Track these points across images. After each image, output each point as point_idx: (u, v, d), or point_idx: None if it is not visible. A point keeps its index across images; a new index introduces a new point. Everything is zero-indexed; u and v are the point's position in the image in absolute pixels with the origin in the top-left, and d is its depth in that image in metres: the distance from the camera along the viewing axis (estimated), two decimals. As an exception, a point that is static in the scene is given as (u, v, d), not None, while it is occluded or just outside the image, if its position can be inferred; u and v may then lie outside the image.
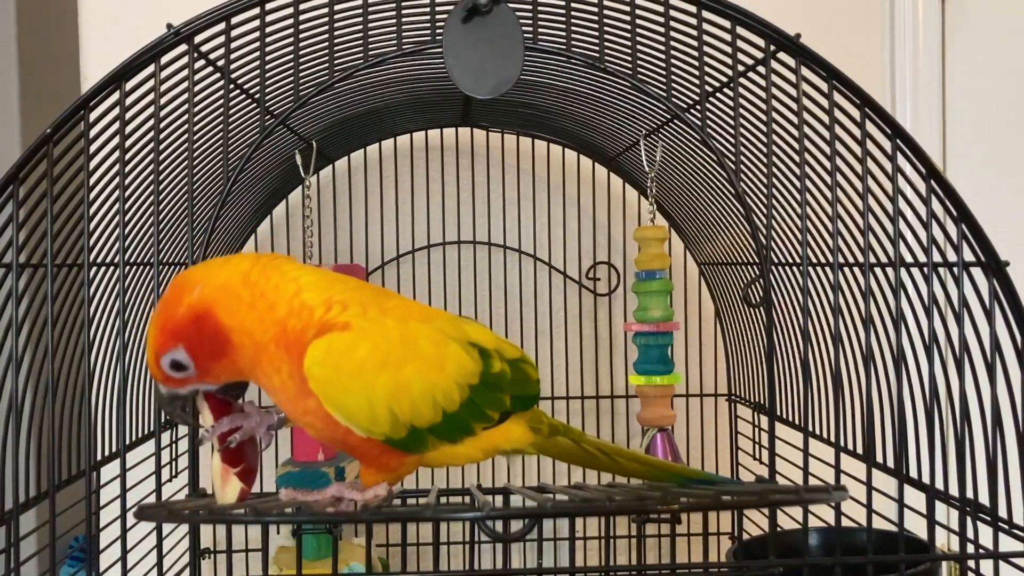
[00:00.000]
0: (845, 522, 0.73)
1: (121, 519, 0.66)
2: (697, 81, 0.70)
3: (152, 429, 0.93)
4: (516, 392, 0.59)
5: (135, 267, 0.85)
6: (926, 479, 0.70)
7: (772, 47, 0.67)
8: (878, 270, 0.71)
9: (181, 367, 0.54)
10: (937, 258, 0.68)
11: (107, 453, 0.85)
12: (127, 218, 0.72)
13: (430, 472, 1.16)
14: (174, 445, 1.03)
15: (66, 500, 0.73)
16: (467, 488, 0.68)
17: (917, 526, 0.73)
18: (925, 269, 0.68)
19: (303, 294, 0.54)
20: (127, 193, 0.71)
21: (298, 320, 0.53)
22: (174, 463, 1.03)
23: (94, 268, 0.75)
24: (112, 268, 0.78)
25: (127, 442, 0.83)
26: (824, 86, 0.68)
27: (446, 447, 0.57)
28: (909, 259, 0.70)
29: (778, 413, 0.96)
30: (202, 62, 0.68)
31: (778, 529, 0.74)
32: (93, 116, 0.66)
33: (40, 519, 0.72)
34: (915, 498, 0.71)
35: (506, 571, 0.66)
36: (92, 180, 0.68)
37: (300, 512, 0.52)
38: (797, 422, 0.93)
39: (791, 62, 0.68)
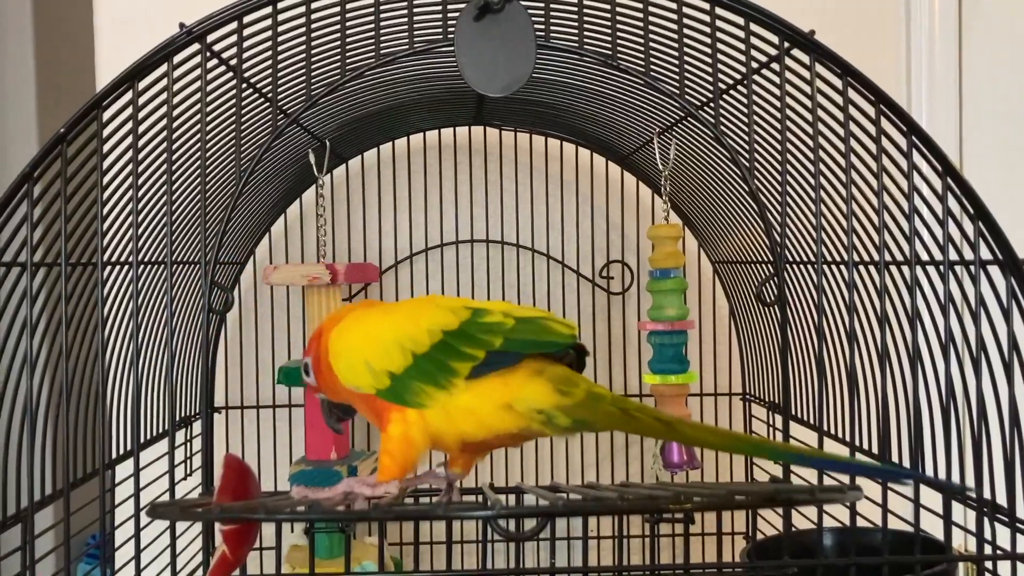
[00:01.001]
0: (860, 522, 0.73)
1: (135, 517, 0.66)
2: (710, 78, 0.70)
3: (166, 428, 0.94)
4: (520, 336, 0.59)
5: (148, 266, 0.85)
6: (943, 477, 0.70)
7: (786, 44, 0.67)
8: (893, 268, 0.70)
9: (307, 372, 0.67)
10: (953, 256, 0.68)
11: (121, 452, 0.85)
12: (140, 217, 0.72)
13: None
14: (188, 444, 1.04)
15: (81, 498, 0.73)
16: (479, 487, 0.68)
17: (933, 526, 0.73)
18: (941, 267, 0.68)
19: (342, 314, 0.66)
20: (140, 192, 0.71)
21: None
22: (188, 462, 1.04)
23: (108, 267, 0.75)
24: (125, 267, 0.78)
25: (141, 441, 0.83)
26: (839, 83, 0.67)
27: (441, 396, 0.58)
28: (925, 257, 0.69)
29: (793, 412, 0.95)
30: (214, 61, 0.68)
31: (793, 529, 0.74)
32: (106, 115, 0.66)
33: (56, 517, 0.72)
34: (931, 498, 0.70)
35: (518, 570, 0.65)
36: (105, 179, 0.68)
37: (312, 510, 0.52)
38: (812, 421, 0.92)
39: (805, 59, 0.67)
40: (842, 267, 0.79)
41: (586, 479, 1.19)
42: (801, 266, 0.87)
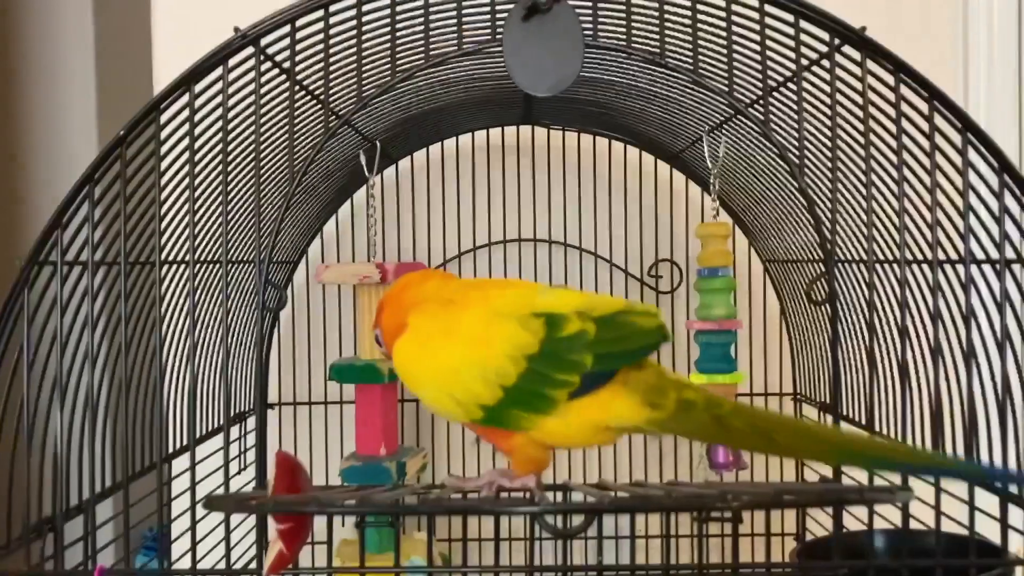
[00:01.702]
0: (913, 524, 0.72)
1: (191, 510, 0.68)
2: (760, 76, 0.70)
3: (221, 424, 0.96)
4: (609, 349, 0.55)
5: (204, 265, 0.87)
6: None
7: (836, 40, 0.66)
8: (947, 267, 0.69)
9: (380, 343, 0.66)
10: (1010, 254, 0.67)
11: (178, 447, 0.87)
12: (196, 217, 0.74)
13: (492, 467, 1.17)
14: (242, 439, 1.06)
15: (139, 491, 0.75)
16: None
17: (990, 530, 0.71)
18: (997, 265, 0.66)
19: (391, 319, 0.64)
20: (196, 193, 0.73)
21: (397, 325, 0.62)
22: (242, 456, 1.06)
23: (165, 266, 0.77)
24: (182, 266, 0.80)
25: (197, 436, 0.85)
26: (891, 79, 0.66)
27: (542, 420, 0.56)
28: (980, 255, 0.68)
29: (844, 412, 0.94)
30: (268, 64, 0.69)
31: (843, 530, 0.73)
32: (164, 118, 0.68)
33: (115, 509, 0.74)
34: (987, 500, 0.69)
35: (566, 567, 0.66)
36: (163, 180, 0.70)
37: (363, 503, 0.53)
38: (863, 422, 0.91)
39: (856, 55, 0.66)
40: (894, 265, 0.78)
41: (633, 478, 1.19)
42: (852, 264, 0.86)
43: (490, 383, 0.56)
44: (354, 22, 0.69)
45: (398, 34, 0.69)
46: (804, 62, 0.68)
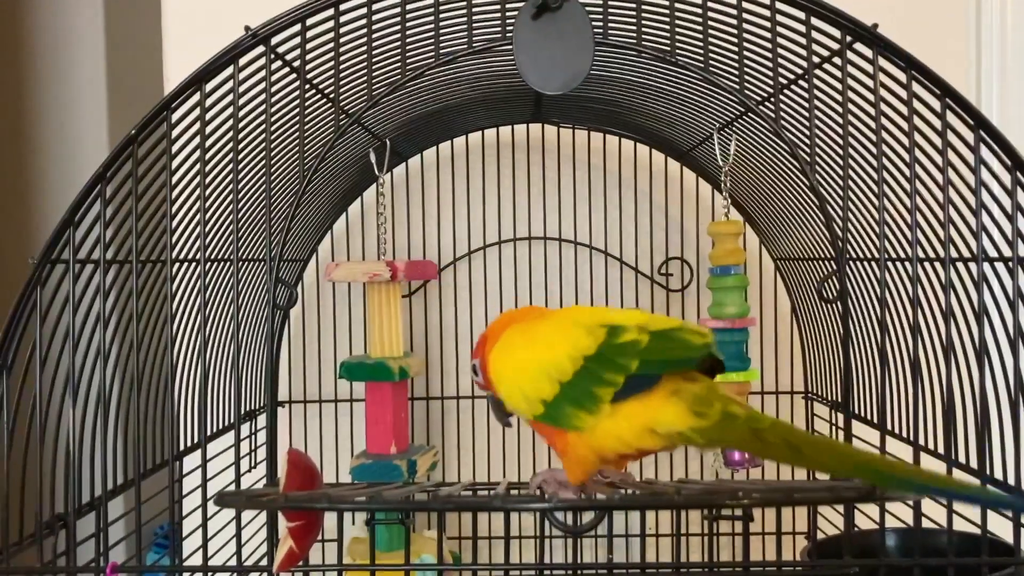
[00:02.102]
0: (925, 523, 0.72)
1: (202, 507, 0.68)
2: (770, 74, 0.69)
3: (231, 421, 0.96)
4: (654, 356, 0.59)
5: (215, 263, 0.87)
6: (1011, 480, 0.68)
7: (848, 38, 0.66)
8: (960, 265, 0.69)
9: (476, 372, 0.70)
10: (1023, 251, 0.66)
11: (189, 444, 0.87)
12: (207, 216, 0.74)
13: (501, 465, 1.17)
14: (253, 437, 1.06)
15: (151, 488, 0.76)
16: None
17: (1002, 529, 0.71)
18: (1010, 263, 0.66)
19: (491, 342, 0.69)
20: (207, 191, 0.73)
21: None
22: (253, 454, 1.06)
23: (176, 264, 0.77)
24: (193, 264, 0.81)
25: (208, 434, 0.85)
26: (903, 77, 0.66)
27: (592, 420, 0.59)
28: (992, 253, 0.68)
29: (855, 411, 0.94)
30: (278, 63, 0.70)
31: (855, 529, 0.73)
32: (175, 117, 0.68)
33: (127, 506, 0.74)
34: (999, 499, 0.69)
35: (576, 565, 0.66)
36: (174, 179, 0.70)
37: (373, 501, 0.53)
38: (874, 420, 0.91)
39: (868, 53, 0.66)
40: (906, 263, 0.78)
41: (644, 476, 1.19)
42: (864, 262, 0.86)
43: (551, 379, 0.61)
44: (364, 21, 0.69)
45: (408, 32, 0.69)
46: (815, 59, 0.68)
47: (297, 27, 0.68)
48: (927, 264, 0.74)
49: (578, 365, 0.60)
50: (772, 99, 0.70)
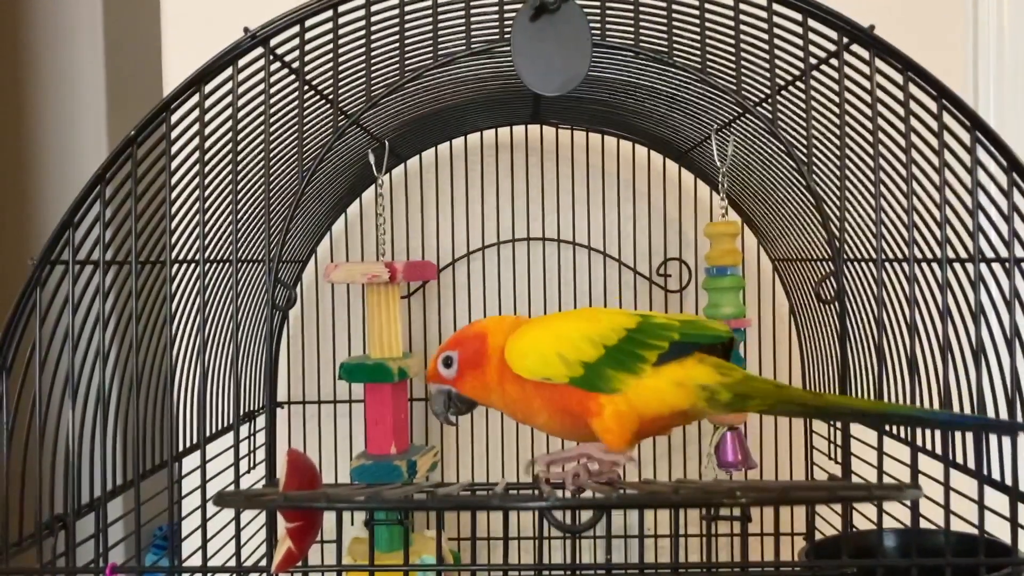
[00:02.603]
0: (923, 524, 0.72)
1: (201, 508, 0.68)
2: (768, 75, 0.70)
3: (230, 422, 0.96)
4: (692, 331, 0.68)
5: (214, 264, 0.87)
6: (1008, 480, 0.68)
7: (845, 39, 0.66)
8: (956, 265, 0.69)
9: (449, 364, 0.71)
10: (1019, 252, 0.66)
11: (188, 445, 0.88)
12: (207, 216, 0.75)
13: (500, 466, 1.17)
14: (252, 437, 1.06)
15: (150, 489, 0.76)
16: (535, 480, 0.69)
17: (999, 529, 0.71)
18: (1007, 263, 0.66)
19: (498, 337, 0.71)
20: (207, 192, 0.73)
21: (502, 346, 0.70)
22: (252, 455, 1.06)
23: (176, 265, 0.78)
24: (193, 265, 0.81)
25: (207, 434, 0.86)
26: (900, 78, 0.66)
27: (632, 380, 0.66)
28: (989, 253, 0.68)
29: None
30: (277, 64, 0.70)
31: (852, 529, 0.73)
32: (174, 118, 0.68)
33: (126, 507, 0.75)
34: (996, 499, 0.69)
35: (575, 565, 0.66)
36: (173, 180, 0.71)
37: (373, 500, 0.53)
38: (873, 421, 0.91)
39: (865, 54, 0.66)
40: (903, 263, 0.78)
41: (641, 476, 1.19)
42: (861, 263, 0.86)
43: (595, 343, 0.67)
44: (363, 22, 0.69)
45: (407, 34, 0.69)
46: (812, 61, 0.69)
47: (296, 28, 0.68)
48: (924, 264, 0.75)
49: (621, 335, 0.67)
50: (769, 100, 0.70)
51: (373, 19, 0.69)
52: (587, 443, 0.66)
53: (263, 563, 0.89)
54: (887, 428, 0.85)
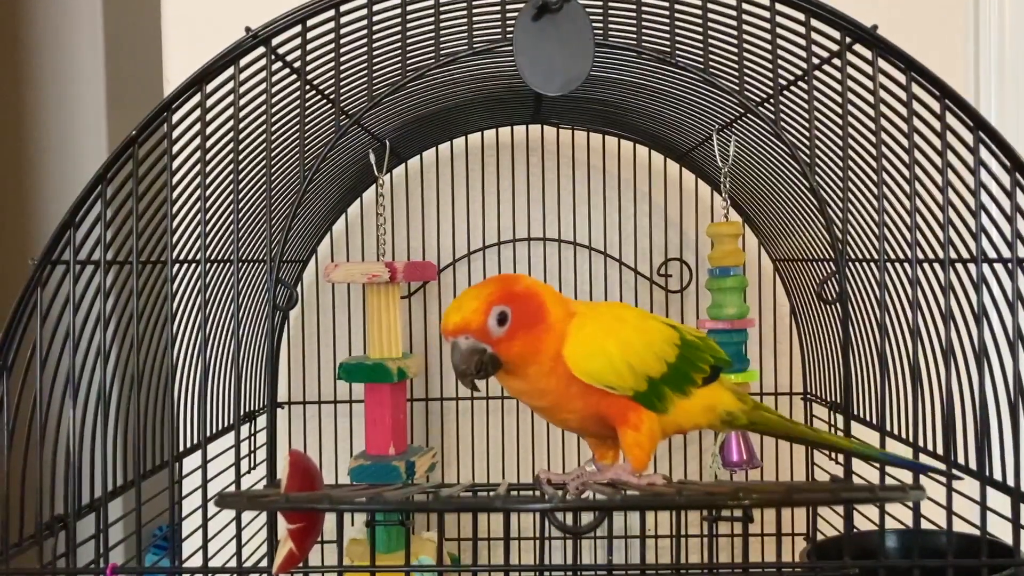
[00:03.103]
0: (924, 524, 0.72)
1: (202, 508, 0.68)
2: (770, 75, 0.69)
3: (231, 422, 0.96)
4: (713, 353, 0.70)
5: (216, 264, 0.87)
6: (1011, 481, 0.68)
7: (848, 39, 0.66)
8: (959, 265, 0.69)
9: (503, 322, 0.64)
10: (1022, 253, 0.66)
11: (189, 445, 0.87)
12: (208, 216, 0.74)
13: (501, 467, 1.17)
14: (253, 438, 1.06)
15: (151, 489, 0.76)
16: (536, 481, 0.69)
17: (1001, 530, 0.71)
18: (1009, 264, 0.66)
19: (557, 308, 0.67)
20: (208, 192, 0.73)
21: (558, 322, 0.66)
22: (253, 455, 1.06)
23: (177, 265, 0.77)
24: (194, 265, 0.81)
25: (207, 434, 0.85)
26: (902, 78, 0.66)
27: (680, 401, 0.67)
28: (992, 254, 0.68)
29: (854, 412, 0.94)
30: (279, 64, 0.70)
31: (854, 531, 0.73)
32: (175, 118, 0.68)
33: (127, 507, 0.74)
34: (999, 500, 0.69)
35: (576, 566, 0.66)
36: (175, 180, 0.70)
37: (374, 501, 0.53)
38: (873, 421, 0.91)
39: (867, 54, 0.66)
40: (905, 264, 0.78)
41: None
42: (863, 263, 0.86)
43: (659, 359, 0.66)
44: (365, 22, 0.69)
45: (408, 33, 0.69)
46: (815, 61, 0.68)
47: (298, 28, 0.68)
48: (927, 265, 0.75)
49: (676, 352, 0.67)
50: (772, 100, 0.70)
51: (375, 18, 0.69)
52: (616, 466, 0.65)
53: (264, 564, 0.89)
54: (889, 429, 0.85)
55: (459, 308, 0.65)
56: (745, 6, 0.67)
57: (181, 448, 0.86)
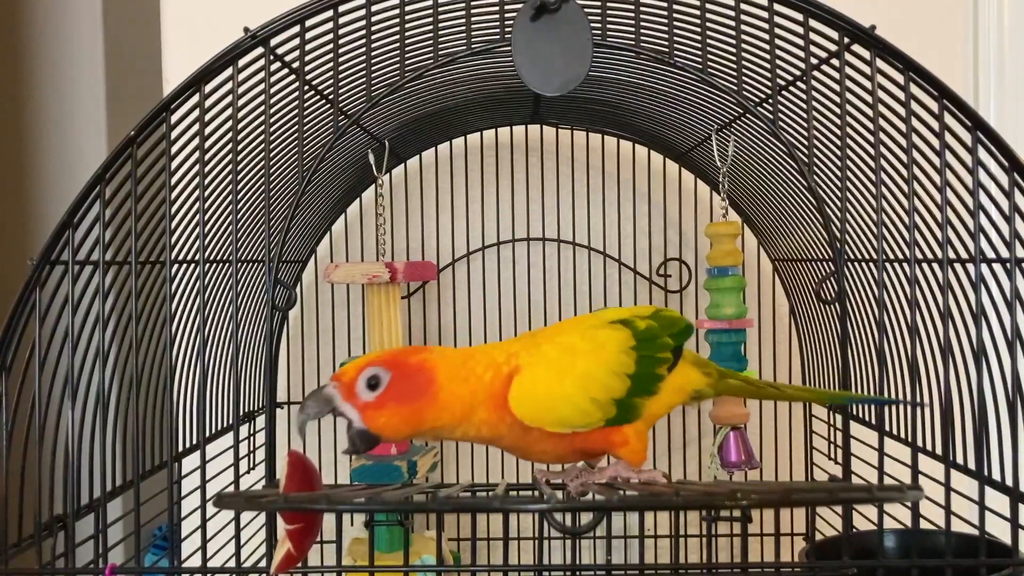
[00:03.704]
0: (923, 524, 0.72)
1: (201, 509, 0.68)
2: (769, 75, 0.70)
3: (230, 423, 0.96)
4: (671, 331, 0.68)
5: (214, 264, 0.87)
6: (1009, 481, 0.68)
7: (846, 39, 0.66)
8: (957, 265, 0.69)
9: (373, 386, 0.60)
10: (1020, 252, 0.66)
11: (188, 445, 0.87)
12: (206, 217, 0.74)
13: (500, 466, 1.17)
14: (252, 438, 1.06)
15: (150, 490, 0.76)
16: (535, 482, 0.69)
17: (1000, 530, 0.71)
18: (1008, 264, 0.66)
19: (492, 353, 0.64)
20: (206, 192, 0.73)
21: (496, 378, 0.62)
22: (252, 455, 1.06)
23: (175, 265, 0.77)
24: (192, 265, 0.81)
25: (207, 435, 0.85)
26: (901, 78, 0.66)
27: (651, 400, 0.66)
28: (990, 254, 0.68)
29: (853, 412, 0.94)
30: (278, 64, 0.70)
31: (853, 530, 0.73)
32: (174, 118, 0.68)
33: (126, 507, 0.74)
34: (997, 500, 0.69)
35: (575, 566, 0.66)
36: (173, 180, 0.70)
37: (373, 501, 0.53)
38: (872, 421, 0.91)
39: (866, 54, 0.66)
40: (904, 264, 0.78)
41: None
42: (861, 263, 0.86)
43: (620, 375, 0.64)
44: (363, 22, 0.69)
45: (407, 34, 0.69)
46: (813, 61, 0.68)
47: (296, 28, 0.68)
48: (925, 265, 0.75)
49: (633, 357, 0.64)
50: (770, 100, 0.70)
51: (373, 19, 0.69)
52: (615, 464, 0.65)
53: (263, 564, 0.89)
54: (887, 428, 0.85)
55: (353, 361, 0.63)
56: (743, 6, 0.67)
57: (180, 448, 0.86)
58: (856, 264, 0.87)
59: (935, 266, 0.73)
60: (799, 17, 0.67)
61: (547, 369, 0.62)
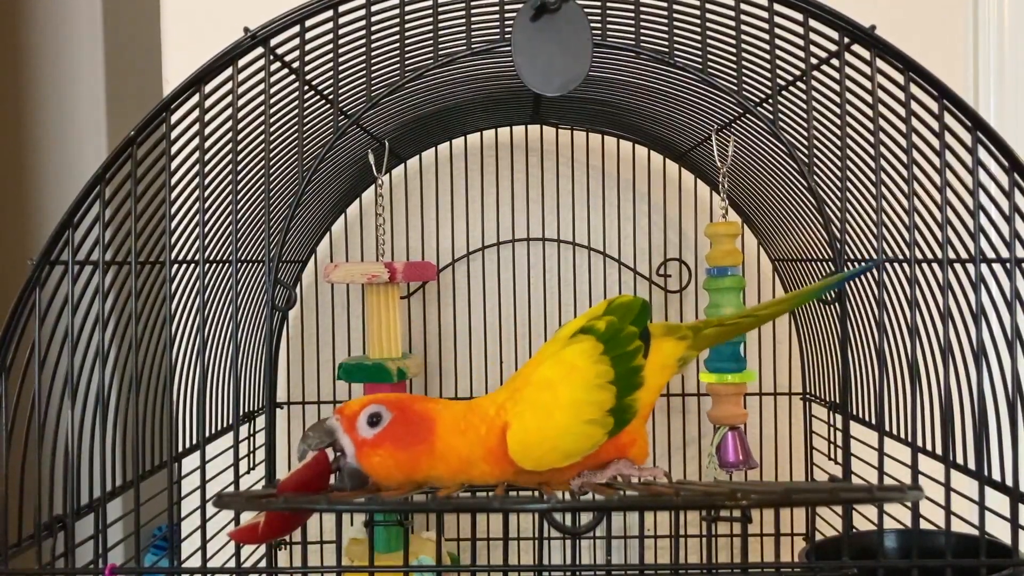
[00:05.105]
0: (923, 525, 0.72)
1: (201, 509, 0.68)
2: (769, 75, 0.70)
3: (231, 423, 0.96)
4: (631, 318, 0.68)
5: (214, 264, 0.87)
6: (1009, 481, 0.68)
7: (846, 40, 0.66)
8: (957, 265, 0.69)
9: (374, 423, 0.61)
10: (1020, 253, 0.66)
11: (187, 445, 0.87)
12: (206, 217, 0.74)
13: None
14: (252, 438, 1.06)
15: (150, 490, 0.76)
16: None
17: (1000, 530, 0.71)
18: (1008, 264, 0.66)
19: (485, 405, 0.65)
20: (206, 192, 0.73)
21: (491, 432, 0.63)
22: (252, 455, 1.06)
23: (175, 265, 0.77)
24: (192, 265, 0.81)
25: (207, 435, 0.85)
26: (901, 78, 0.66)
27: (641, 392, 0.66)
28: (990, 254, 0.68)
29: (853, 412, 0.94)
30: (277, 64, 0.70)
31: (853, 531, 0.73)
32: (174, 118, 0.68)
33: (126, 507, 0.74)
34: (997, 500, 0.69)
35: (574, 567, 0.66)
36: (173, 180, 0.70)
37: (372, 502, 0.53)
38: (872, 421, 0.91)
39: (866, 54, 0.66)
40: (904, 264, 0.78)
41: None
42: (861, 263, 0.86)
43: (603, 387, 0.64)
44: (363, 22, 0.69)
45: (407, 34, 0.69)
46: (813, 61, 0.68)
47: (296, 28, 0.68)
48: (925, 265, 0.75)
49: (607, 362, 0.64)
50: (770, 100, 0.70)
51: (373, 19, 0.69)
52: (616, 463, 0.65)
53: (263, 564, 0.89)
54: (887, 428, 0.85)
55: (358, 398, 0.65)
56: (743, 6, 0.67)
57: (180, 448, 0.86)
58: (856, 264, 0.87)
59: (935, 266, 0.73)
60: (799, 17, 0.67)
61: (534, 413, 0.63)
